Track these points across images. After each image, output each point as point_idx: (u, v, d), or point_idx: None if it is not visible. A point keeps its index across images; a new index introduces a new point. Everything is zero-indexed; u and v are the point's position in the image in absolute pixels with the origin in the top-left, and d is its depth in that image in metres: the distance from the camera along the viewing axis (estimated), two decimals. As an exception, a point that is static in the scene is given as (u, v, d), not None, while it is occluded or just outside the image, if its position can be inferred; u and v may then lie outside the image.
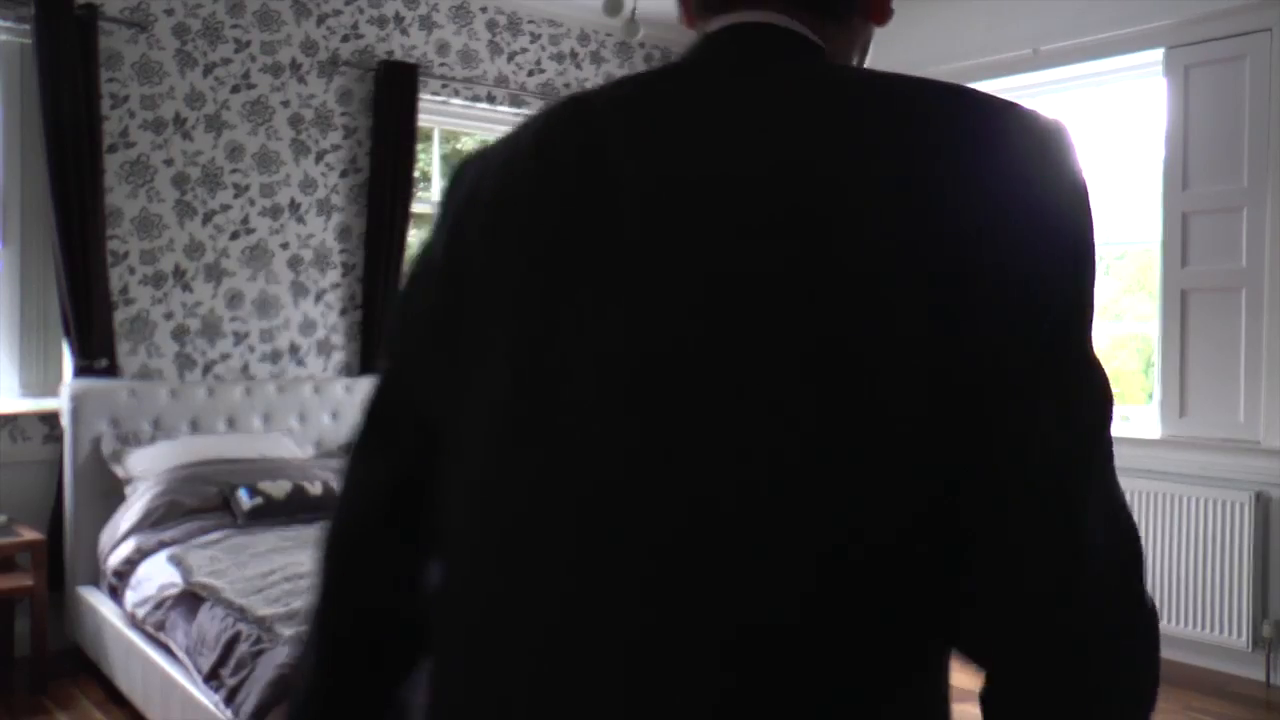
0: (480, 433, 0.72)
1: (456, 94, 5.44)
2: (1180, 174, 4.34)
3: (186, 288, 4.64)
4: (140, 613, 3.39)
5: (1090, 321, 0.64)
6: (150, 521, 3.83)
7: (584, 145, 0.71)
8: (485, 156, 0.80)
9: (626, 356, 0.65)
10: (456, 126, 5.77)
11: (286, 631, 2.65)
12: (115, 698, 3.72)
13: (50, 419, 4.31)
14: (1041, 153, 0.64)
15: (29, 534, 3.92)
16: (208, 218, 4.68)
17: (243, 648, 2.71)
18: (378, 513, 0.82)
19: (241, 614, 2.85)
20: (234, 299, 4.76)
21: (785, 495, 0.60)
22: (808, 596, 0.61)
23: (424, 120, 5.37)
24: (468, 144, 6.68)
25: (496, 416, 0.70)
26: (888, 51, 5.64)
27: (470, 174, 0.79)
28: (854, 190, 0.62)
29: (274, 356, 4.89)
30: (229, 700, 2.66)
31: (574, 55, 5.90)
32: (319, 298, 5.01)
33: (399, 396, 0.82)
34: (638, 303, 0.65)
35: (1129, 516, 0.64)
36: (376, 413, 0.83)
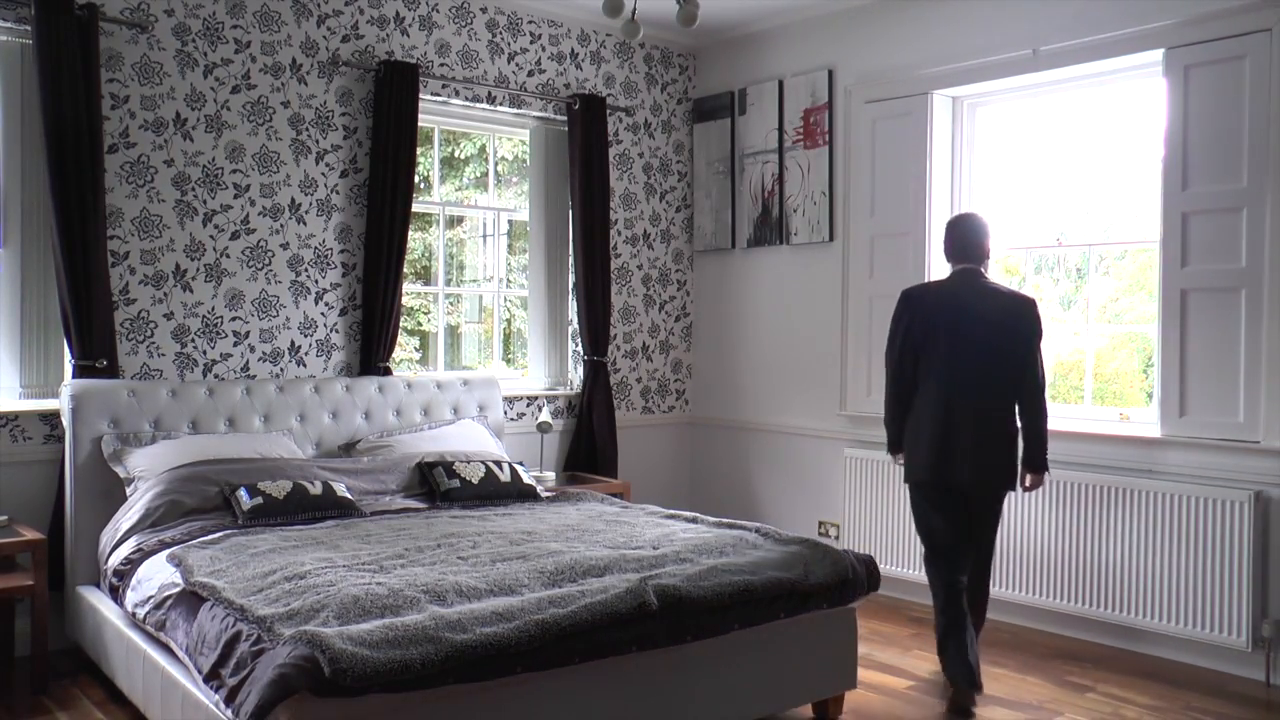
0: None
1: (456, 94, 5.44)
2: (1180, 174, 4.34)
3: (186, 288, 4.64)
4: (140, 612, 3.40)
5: (1041, 337, 3.91)
6: (150, 521, 3.83)
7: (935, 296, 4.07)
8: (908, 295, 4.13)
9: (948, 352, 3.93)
10: (456, 126, 5.77)
11: (286, 631, 2.65)
12: (115, 697, 3.72)
13: (50, 419, 4.31)
14: (1029, 302, 3.94)
15: (29, 534, 3.92)
16: (208, 218, 4.68)
17: (243, 648, 2.71)
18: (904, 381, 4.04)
19: (241, 614, 2.85)
20: (234, 299, 4.76)
21: (1001, 370, 3.88)
22: (997, 394, 3.88)
23: (424, 120, 5.38)
24: (467, 145, 6.69)
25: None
26: (891, 52, 5.69)
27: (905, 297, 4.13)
28: (1001, 312, 3.92)
29: (274, 356, 4.89)
30: (229, 700, 2.66)
31: (574, 55, 5.90)
32: (319, 298, 5.01)
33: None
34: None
35: (1043, 375, 3.92)
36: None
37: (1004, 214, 5.24)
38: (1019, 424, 3.88)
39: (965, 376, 3.83)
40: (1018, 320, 3.84)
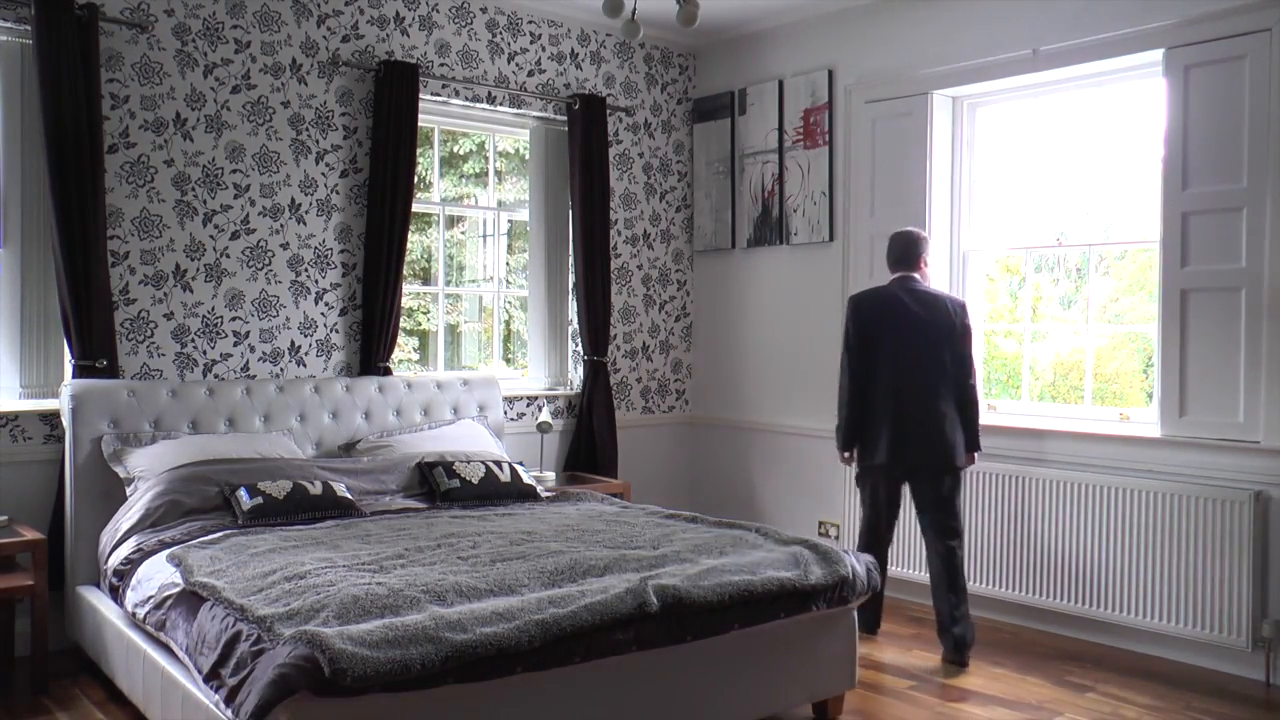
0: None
1: (456, 94, 5.44)
2: (1180, 174, 4.34)
3: (186, 288, 4.64)
4: (140, 612, 3.40)
5: (971, 333, 4.42)
6: (150, 521, 3.83)
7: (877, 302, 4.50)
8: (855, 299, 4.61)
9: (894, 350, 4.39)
10: (456, 126, 5.77)
11: (286, 631, 2.65)
12: (115, 697, 3.72)
13: (50, 419, 4.31)
14: (960, 304, 4.43)
15: (29, 534, 3.92)
16: (208, 218, 4.68)
17: (243, 648, 2.71)
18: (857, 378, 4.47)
19: (241, 614, 2.85)
20: (234, 299, 4.76)
21: (937, 362, 4.33)
22: (942, 377, 4.32)
23: (424, 120, 5.38)
24: (467, 144, 6.69)
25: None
26: (891, 52, 5.68)
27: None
28: (937, 313, 4.38)
29: (274, 356, 4.89)
30: (229, 700, 2.66)
31: (574, 55, 5.90)
32: (319, 298, 5.01)
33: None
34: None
35: (973, 364, 4.40)
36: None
37: (1004, 214, 5.25)
38: (955, 410, 4.35)
39: (909, 371, 4.32)
40: (951, 319, 4.35)
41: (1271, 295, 4.11)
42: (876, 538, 4.50)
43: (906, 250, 4.49)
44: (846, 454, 4.53)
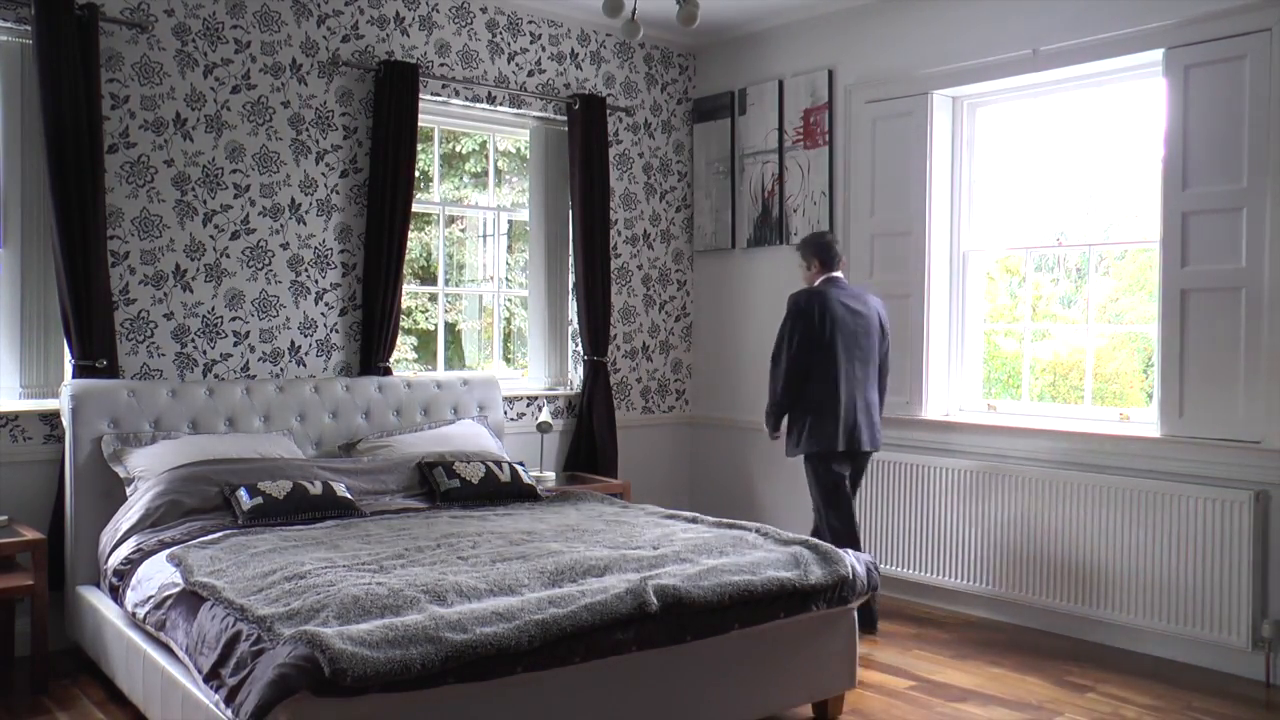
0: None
1: (456, 94, 5.44)
2: (1180, 174, 4.34)
3: (186, 288, 4.64)
4: (140, 612, 3.40)
5: (887, 330, 4.80)
6: (150, 521, 3.83)
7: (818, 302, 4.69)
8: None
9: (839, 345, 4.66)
10: (456, 126, 5.77)
11: (286, 631, 2.65)
12: (115, 697, 3.72)
13: (50, 419, 4.31)
14: (883, 303, 4.82)
15: (29, 534, 3.92)
16: (208, 218, 4.68)
17: (243, 648, 2.71)
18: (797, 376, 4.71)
19: (241, 614, 2.85)
20: (234, 299, 4.76)
21: (871, 356, 4.70)
22: (872, 370, 4.72)
23: (424, 120, 5.38)
24: (468, 144, 6.69)
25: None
26: (891, 52, 5.67)
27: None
28: (865, 309, 4.72)
29: (274, 356, 4.89)
30: (229, 700, 2.66)
31: (574, 55, 5.90)
32: (319, 298, 5.01)
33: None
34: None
35: (888, 359, 4.87)
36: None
37: (1004, 214, 5.25)
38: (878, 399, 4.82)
39: (852, 365, 4.65)
40: (879, 318, 4.78)
41: (1271, 295, 4.11)
42: (844, 506, 4.70)
43: (831, 252, 4.79)
44: (776, 434, 4.83)
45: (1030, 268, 5.27)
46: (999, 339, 5.42)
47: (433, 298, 6.08)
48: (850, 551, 3.63)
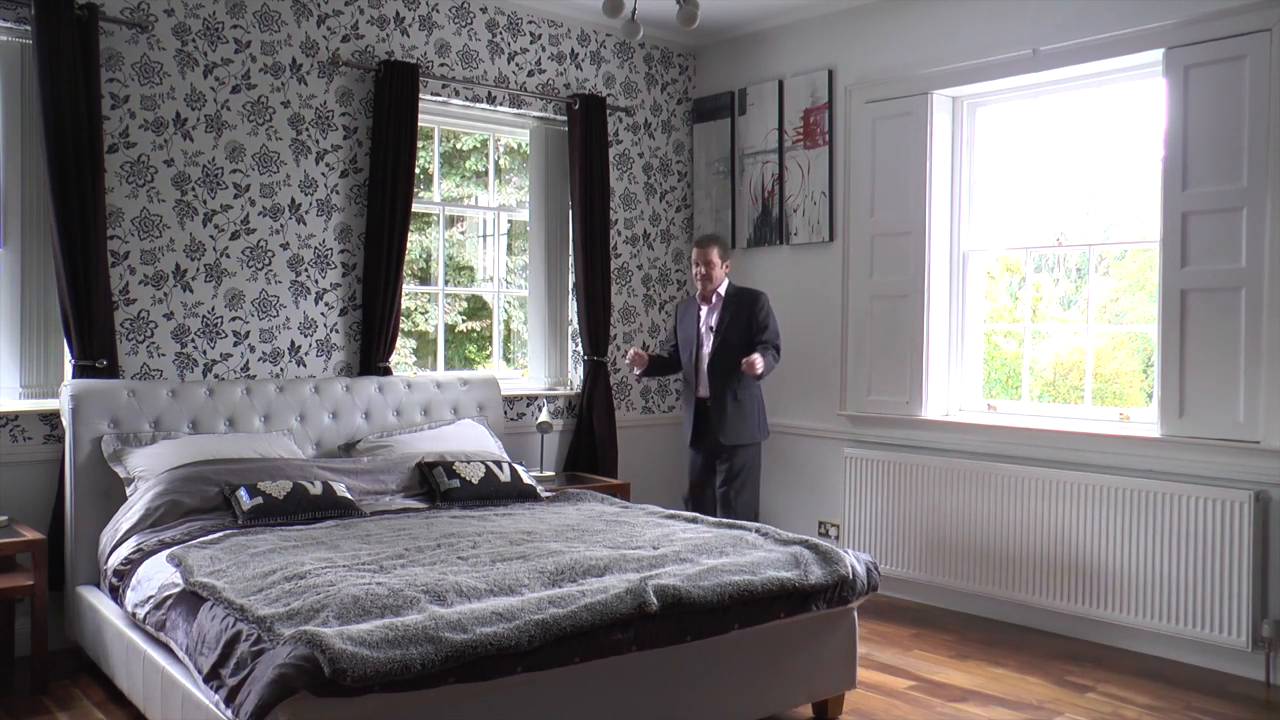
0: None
1: (456, 94, 5.44)
2: (1180, 174, 4.34)
3: (186, 288, 4.64)
4: (140, 612, 3.40)
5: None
6: (150, 521, 3.83)
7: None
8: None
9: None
10: (456, 126, 5.77)
11: (286, 631, 2.65)
12: (115, 698, 3.72)
13: (50, 419, 4.31)
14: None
15: (29, 534, 3.92)
16: (208, 218, 4.68)
17: (243, 648, 2.71)
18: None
19: (241, 614, 2.85)
20: (234, 299, 4.76)
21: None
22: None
23: (424, 120, 5.38)
24: (468, 140, 6.69)
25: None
26: (891, 52, 5.67)
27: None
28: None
29: (274, 356, 4.89)
30: (229, 700, 2.66)
31: (574, 55, 5.90)
32: (319, 298, 5.01)
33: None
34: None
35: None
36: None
37: (1004, 214, 5.24)
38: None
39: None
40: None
41: (1271, 295, 4.11)
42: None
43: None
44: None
45: (1030, 268, 5.27)
46: (999, 339, 5.42)
47: (432, 298, 6.07)
48: (850, 551, 3.63)
